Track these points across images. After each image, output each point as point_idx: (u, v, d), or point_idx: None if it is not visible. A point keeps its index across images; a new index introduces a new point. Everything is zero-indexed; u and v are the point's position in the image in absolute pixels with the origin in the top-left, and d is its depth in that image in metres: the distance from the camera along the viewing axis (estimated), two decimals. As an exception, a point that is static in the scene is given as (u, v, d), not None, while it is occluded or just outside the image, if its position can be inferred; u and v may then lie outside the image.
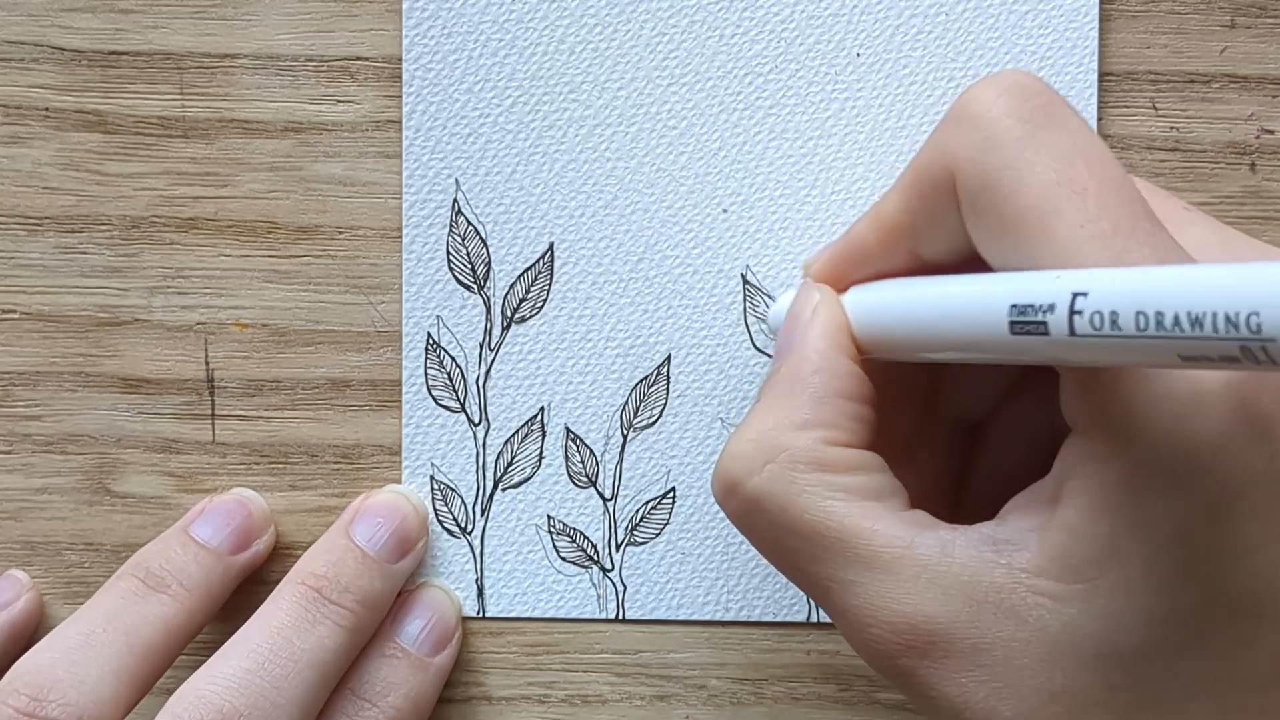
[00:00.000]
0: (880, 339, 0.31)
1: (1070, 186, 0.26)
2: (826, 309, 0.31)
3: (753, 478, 0.29)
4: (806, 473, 0.29)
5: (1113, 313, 0.23)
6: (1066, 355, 0.25)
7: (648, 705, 0.38)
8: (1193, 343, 0.22)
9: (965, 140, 0.28)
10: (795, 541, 0.29)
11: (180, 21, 0.37)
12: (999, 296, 0.26)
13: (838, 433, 0.30)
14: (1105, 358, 0.24)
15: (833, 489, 0.29)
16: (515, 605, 0.38)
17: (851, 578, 0.28)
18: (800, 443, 0.29)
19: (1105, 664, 0.26)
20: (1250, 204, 0.37)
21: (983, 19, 0.37)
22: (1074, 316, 0.24)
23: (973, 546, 0.27)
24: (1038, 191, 0.27)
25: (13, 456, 0.38)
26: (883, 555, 0.28)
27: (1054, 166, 0.27)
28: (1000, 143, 0.27)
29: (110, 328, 0.38)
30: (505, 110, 0.37)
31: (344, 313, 0.38)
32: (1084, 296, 0.24)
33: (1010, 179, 0.27)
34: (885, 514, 0.28)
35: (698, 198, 0.37)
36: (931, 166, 0.29)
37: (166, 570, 0.35)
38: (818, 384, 0.30)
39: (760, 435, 0.30)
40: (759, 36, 0.37)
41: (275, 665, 0.33)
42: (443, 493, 0.38)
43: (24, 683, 0.32)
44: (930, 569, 0.27)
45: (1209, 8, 0.37)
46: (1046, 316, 0.24)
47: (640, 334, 0.37)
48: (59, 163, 0.37)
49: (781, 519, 0.29)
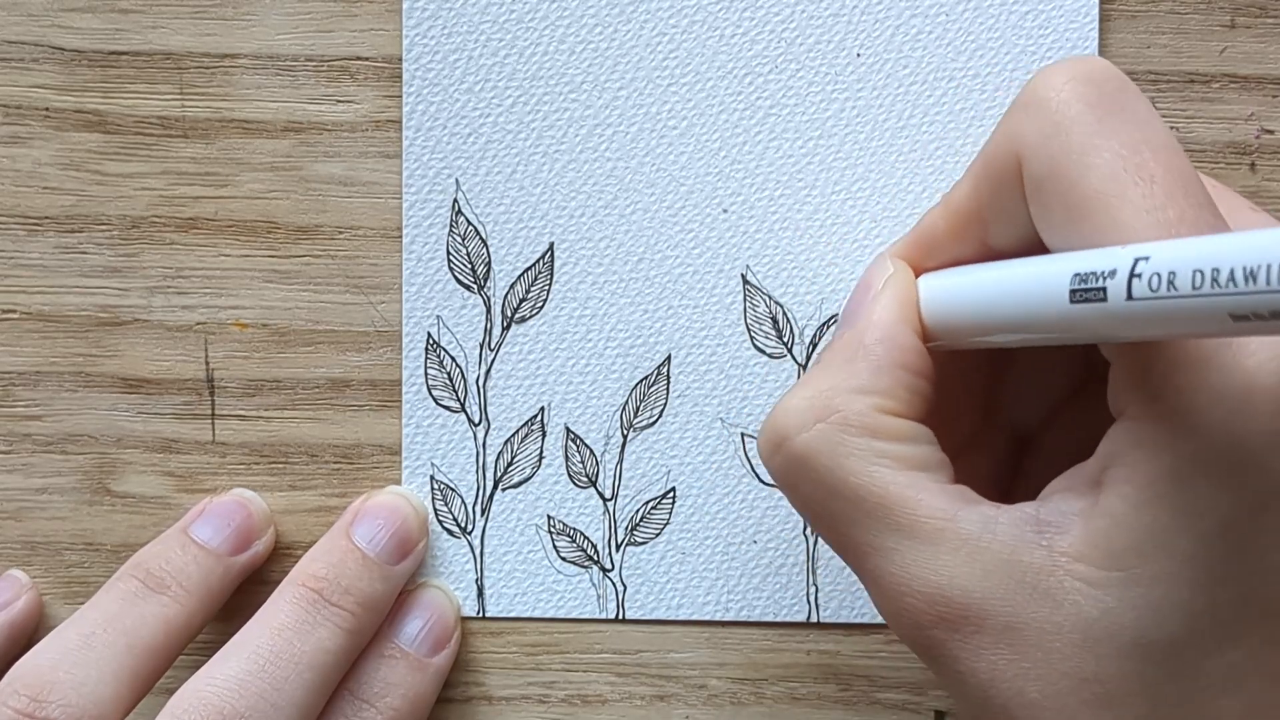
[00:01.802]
0: (943, 320, 0.31)
1: (1137, 174, 0.26)
2: (898, 282, 0.31)
3: (802, 434, 0.29)
4: (856, 436, 0.29)
5: (1171, 273, 0.23)
6: (1121, 324, 0.25)
7: (648, 705, 0.38)
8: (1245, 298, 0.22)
9: (1033, 125, 0.28)
10: (838, 504, 0.29)
11: (180, 21, 0.37)
12: (1063, 267, 0.26)
13: (893, 402, 0.29)
14: (1158, 327, 0.24)
15: (881, 455, 0.29)
16: (515, 605, 0.38)
17: (891, 544, 0.28)
18: (854, 406, 0.29)
19: (1138, 654, 0.26)
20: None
21: (983, 19, 0.37)
22: (1133, 280, 0.24)
23: (1014, 525, 0.27)
24: (1103, 177, 0.26)
25: (13, 456, 0.38)
26: (924, 525, 0.28)
27: (1121, 153, 0.27)
28: (1068, 128, 0.27)
29: (110, 328, 0.38)
30: (505, 110, 0.37)
31: (344, 313, 0.38)
32: (1145, 260, 0.24)
33: (1076, 164, 0.27)
34: (930, 485, 0.28)
35: (698, 198, 0.37)
36: (999, 153, 0.29)
37: (166, 571, 0.35)
38: (880, 353, 0.30)
39: (815, 394, 0.30)
40: (759, 36, 0.37)
41: (275, 667, 0.33)
42: (443, 493, 0.38)
43: (24, 684, 0.32)
44: (970, 543, 0.27)
45: (1209, 8, 0.37)
46: (1107, 282, 0.24)
47: (640, 334, 0.37)
48: (59, 163, 0.37)
49: (826, 478, 0.29)
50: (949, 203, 0.31)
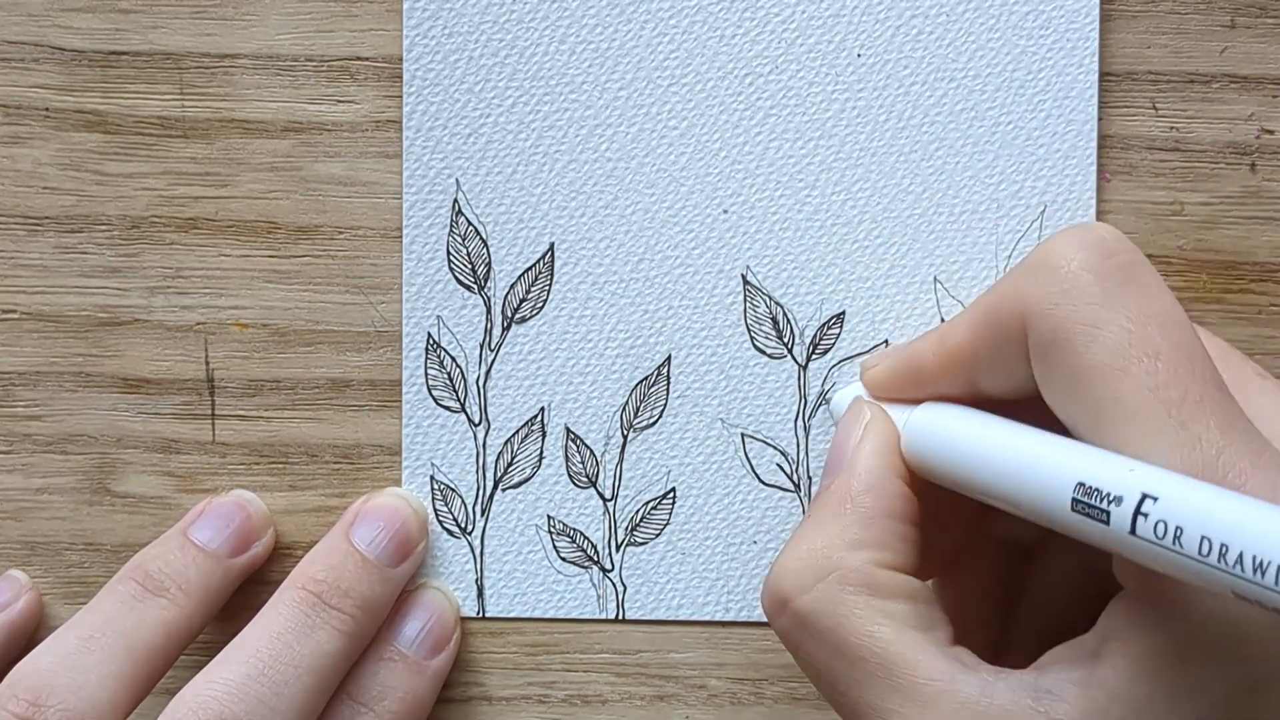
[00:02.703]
0: (934, 470, 0.31)
1: (1142, 349, 0.27)
2: (876, 427, 0.32)
3: (803, 595, 0.30)
4: (856, 594, 0.29)
5: (1178, 528, 0.23)
6: (1120, 549, 0.25)
7: (648, 705, 0.38)
8: (1250, 586, 0.22)
9: (1041, 290, 0.28)
10: (840, 663, 0.29)
11: (180, 21, 0.37)
12: (1067, 470, 0.26)
13: (887, 554, 0.30)
14: (1159, 566, 0.24)
15: (882, 614, 0.29)
16: (515, 605, 0.38)
17: (891, 706, 0.28)
18: (851, 563, 0.30)
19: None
20: (1250, 204, 0.37)
21: (983, 19, 0.37)
22: (1139, 516, 0.24)
23: (1012, 691, 0.27)
24: (1109, 350, 0.27)
25: (13, 456, 0.38)
26: (924, 689, 0.28)
27: (1127, 327, 0.27)
28: (1076, 297, 0.28)
29: (110, 328, 0.38)
30: (506, 110, 0.37)
31: (344, 313, 0.38)
32: (1153, 500, 0.24)
33: (1083, 335, 0.27)
34: (930, 647, 0.28)
35: (698, 198, 0.37)
36: (1003, 308, 0.29)
37: (165, 574, 0.35)
38: (868, 504, 0.30)
39: (811, 554, 0.30)
40: (759, 37, 0.37)
41: (274, 671, 0.33)
42: (443, 493, 0.38)
43: (23, 687, 0.32)
44: (968, 708, 0.27)
45: (1209, 8, 0.37)
46: (1111, 507, 0.25)
47: (640, 334, 0.37)
48: (59, 163, 0.37)
49: (828, 639, 0.29)
50: (943, 340, 0.31)
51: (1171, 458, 0.26)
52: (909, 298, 0.37)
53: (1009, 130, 0.37)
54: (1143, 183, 0.37)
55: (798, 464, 0.37)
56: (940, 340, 0.32)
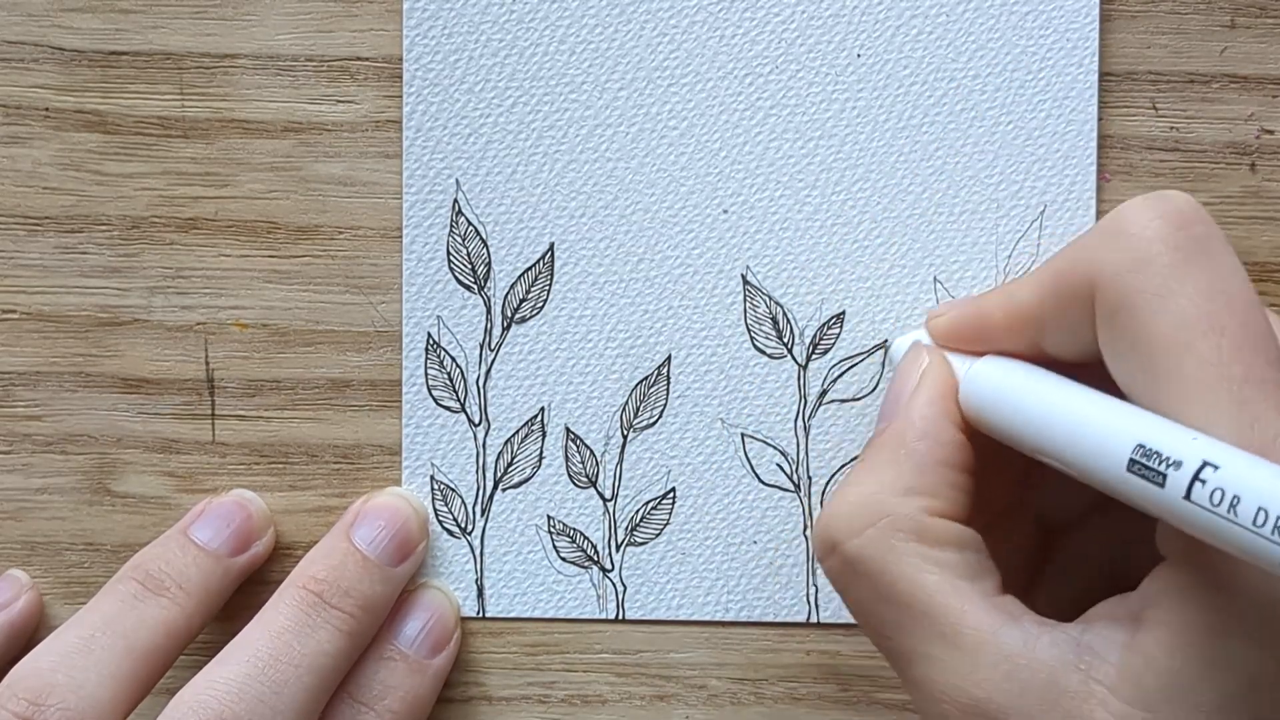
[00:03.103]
0: (990, 423, 0.31)
1: (1209, 323, 0.27)
2: (934, 374, 0.32)
3: (853, 539, 0.30)
4: (906, 541, 0.29)
5: (1235, 497, 0.24)
6: (1171, 515, 0.25)
7: (648, 705, 0.38)
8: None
9: (1113, 256, 0.28)
10: (886, 609, 0.29)
11: (180, 21, 0.37)
12: (1128, 430, 0.26)
13: (939, 502, 0.30)
14: (1207, 533, 0.24)
15: (930, 562, 0.29)
16: (515, 605, 0.38)
17: (935, 653, 0.28)
18: (903, 510, 0.30)
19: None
20: (1250, 204, 0.37)
21: (983, 19, 0.37)
22: (1196, 482, 0.24)
23: (1055, 646, 0.28)
24: (1176, 323, 0.27)
25: (13, 456, 0.38)
26: (968, 637, 0.28)
27: (1196, 301, 0.27)
28: (1147, 266, 0.27)
29: (110, 328, 0.38)
30: (505, 110, 0.37)
31: (344, 313, 0.38)
32: (1214, 469, 0.24)
33: (1151, 305, 0.27)
34: (977, 596, 0.29)
35: (698, 198, 0.37)
36: (1074, 271, 0.29)
37: (166, 573, 0.35)
38: (922, 451, 0.30)
39: (863, 498, 0.30)
40: (759, 37, 0.37)
41: (275, 670, 0.33)
42: (443, 493, 0.38)
43: (23, 687, 0.32)
44: (1010, 659, 0.28)
45: (1209, 8, 0.37)
46: (1169, 470, 0.25)
47: (640, 334, 0.37)
48: (59, 163, 0.37)
49: (877, 584, 0.29)
50: (1010, 298, 0.31)
51: (1228, 435, 0.25)
52: (909, 298, 0.37)
53: (1009, 130, 0.37)
54: (1143, 183, 0.37)
55: (798, 464, 0.37)
56: (1008, 297, 0.31)
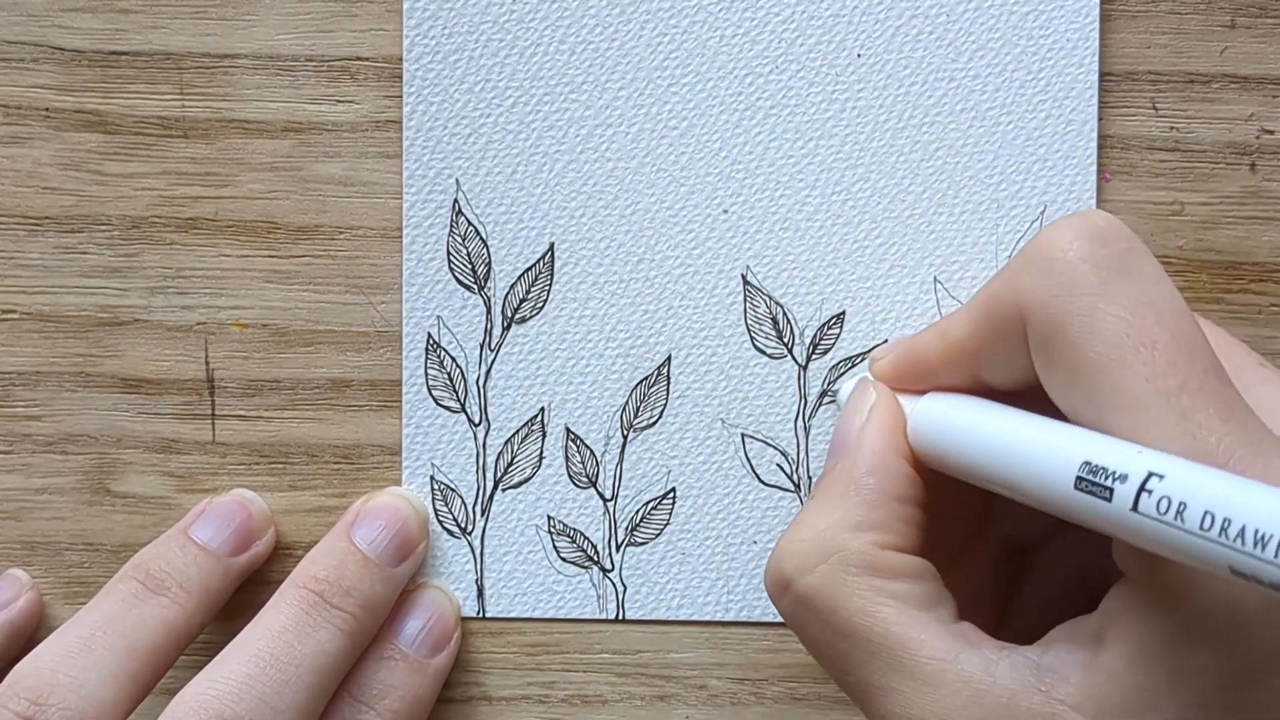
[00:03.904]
0: (940, 458, 0.31)
1: (1140, 339, 0.27)
2: (882, 409, 0.32)
3: (805, 576, 0.30)
4: (858, 575, 0.29)
5: (1182, 503, 0.24)
6: (1120, 529, 0.25)
7: (648, 705, 0.38)
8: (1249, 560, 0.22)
9: (1039, 283, 0.28)
10: (843, 644, 0.29)
11: (180, 21, 0.37)
12: (1073, 450, 0.26)
13: (891, 536, 0.30)
14: (1156, 545, 0.25)
15: (884, 594, 0.29)
16: (515, 605, 0.38)
17: (894, 685, 0.28)
18: (854, 545, 0.30)
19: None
20: (1250, 204, 0.37)
21: (983, 19, 0.37)
22: (1142, 493, 0.24)
23: (1015, 670, 0.27)
24: (1107, 342, 0.27)
25: (13, 456, 0.38)
26: (925, 667, 0.28)
27: (1125, 318, 0.27)
28: (1073, 289, 0.27)
29: (110, 328, 0.38)
30: (506, 110, 0.37)
31: (344, 313, 0.38)
32: (1159, 479, 0.24)
33: (1081, 327, 0.27)
34: (933, 625, 0.29)
35: (698, 198, 0.37)
36: (1002, 302, 0.29)
37: (166, 573, 0.35)
38: (872, 486, 0.30)
39: (815, 535, 0.30)
40: (759, 37, 0.37)
41: (276, 670, 0.33)
42: (443, 493, 0.38)
43: (24, 686, 0.32)
44: (971, 686, 0.27)
45: (1209, 8, 0.37)
46: (1115, 484, 0.25)
47: (640, 334, 0.37)
48: (59, 163, 0.37)
49: (831, 619, 0.29)
50: (944, 334, 0.31)
51: (1172, 445, 0.26)
52: (909, 298, 0.37)
53: (1009, 130, 0.37)
54: (1143, 183, 0.37)
55: (798, 464, 0.37)
56: (941, 334, 0.32)
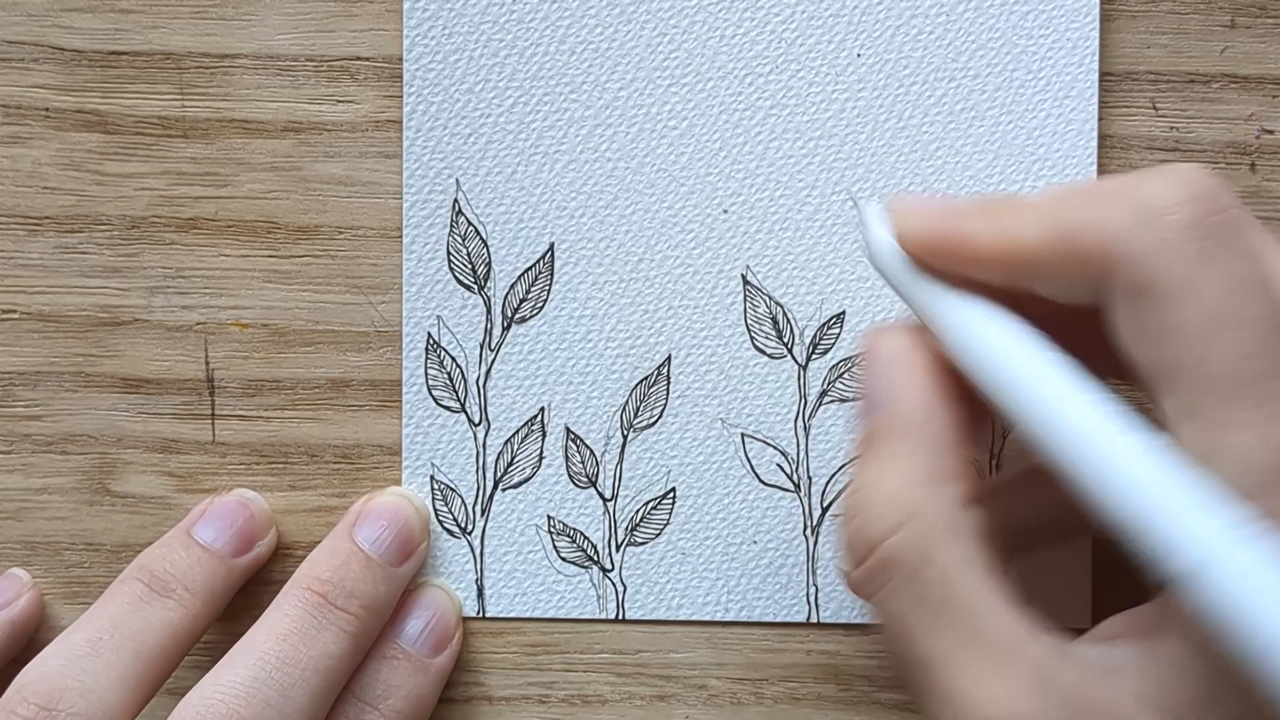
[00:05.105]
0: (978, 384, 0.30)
1: (1236, 314, 0.26)
2: (918, 354, 0.31)
3: (888, 539, 0.29)
4: (941, 540, 0.29)
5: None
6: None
7: (648, 705, 0.38)
8: None
9: (1140, 234, 0.27)
10: (920, 610, 0.29)
11: (180, 21, 0.37)
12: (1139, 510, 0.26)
13: (962, 485, 0.29)
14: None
15: (964, 561, 0.28)
16: (515, 605, 0.38)
17: (965, 656, 0.28)
18: (932, 505, 0.29)
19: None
20: (1250, 204, 0.37)
21: (983, 19, 0.37)
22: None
23: (1083, 660, 0.27)
24: (1201, 312, 0.26)
25: (13, 456, 0.38)
26: (1000, 643, 0.28)
27: (1224, 289, 0.26)
28: (1175, 250, 0.27)
29: (110, 328, 0.38)
30: (506, 110, 0.37)
31: (344, 313, 0.38)
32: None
33: (1177, 291, 0.26)
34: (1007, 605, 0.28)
35: (698, 198, 0.37)
36: (1088, 234, 0.28)
37: (171, 574, 0.35)
38: (931, 435, 0.30)
39: (892, 495, 0.29)
40: (759, 37, 0.37)
41: (282, 674, 0.33)
42: (443, 493, 0.38)
43: (32, 691, 0.32)
44: (1041, 671, 0.27)
45: (1209, 8, 0.37)
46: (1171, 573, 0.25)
47: (640, 334, 0.37)
48: (59, 163, 0.37)
49: (912, 583, 0.29)
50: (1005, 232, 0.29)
51: (1248, 431, 0.25)
52: (909, 298, 0.37)
53: (1009, 130, 0.37)
54: (1142, 183, 0.37)
55: (798, 464, 0.37)
56: (1002, 230, 0.29)
